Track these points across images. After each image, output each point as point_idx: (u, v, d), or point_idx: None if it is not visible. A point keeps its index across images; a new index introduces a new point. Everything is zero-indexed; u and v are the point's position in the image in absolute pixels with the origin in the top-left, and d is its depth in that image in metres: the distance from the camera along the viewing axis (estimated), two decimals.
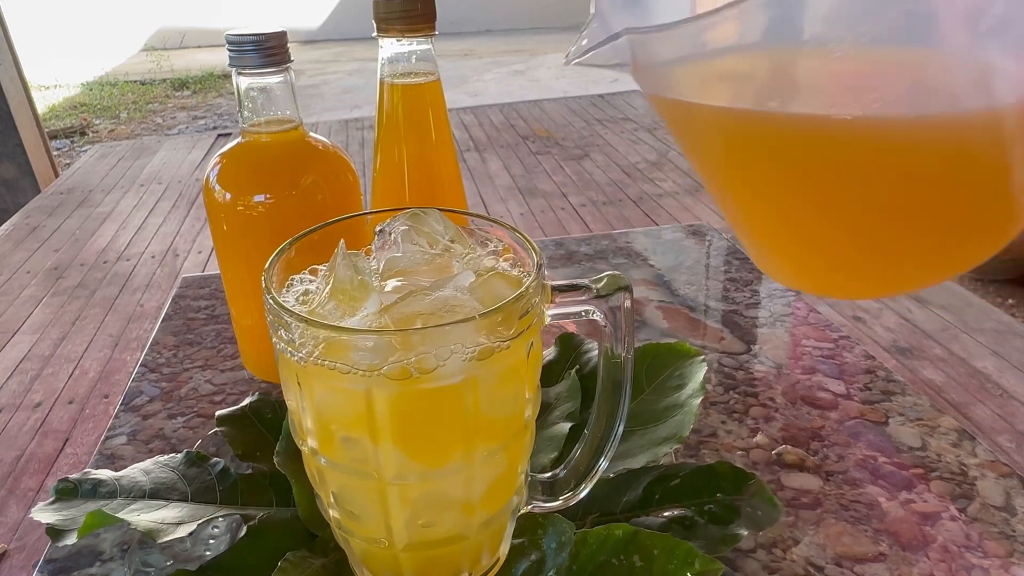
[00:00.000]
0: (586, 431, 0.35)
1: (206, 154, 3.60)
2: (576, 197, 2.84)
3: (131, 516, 0.34)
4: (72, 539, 0.33)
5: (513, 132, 3.70)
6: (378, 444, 0.28)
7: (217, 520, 0.39)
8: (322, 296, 0.30)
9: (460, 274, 0.30)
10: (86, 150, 3.89)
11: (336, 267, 0.30)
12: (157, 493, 0.37)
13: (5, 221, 2.85)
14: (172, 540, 0.34)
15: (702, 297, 0.65)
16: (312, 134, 0.49)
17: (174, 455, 0.40)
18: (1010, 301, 2.06)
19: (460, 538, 0.32)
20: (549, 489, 0.35)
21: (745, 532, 0.36)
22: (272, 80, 0.46)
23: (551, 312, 0.31)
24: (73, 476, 0.37)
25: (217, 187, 0.47)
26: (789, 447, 0.46)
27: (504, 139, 3.59)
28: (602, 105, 4.08)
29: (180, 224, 2.73)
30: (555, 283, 0.31)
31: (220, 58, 5.85)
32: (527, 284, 0.29)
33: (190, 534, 0.35)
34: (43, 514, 0.34)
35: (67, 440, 1.58)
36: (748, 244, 0.28)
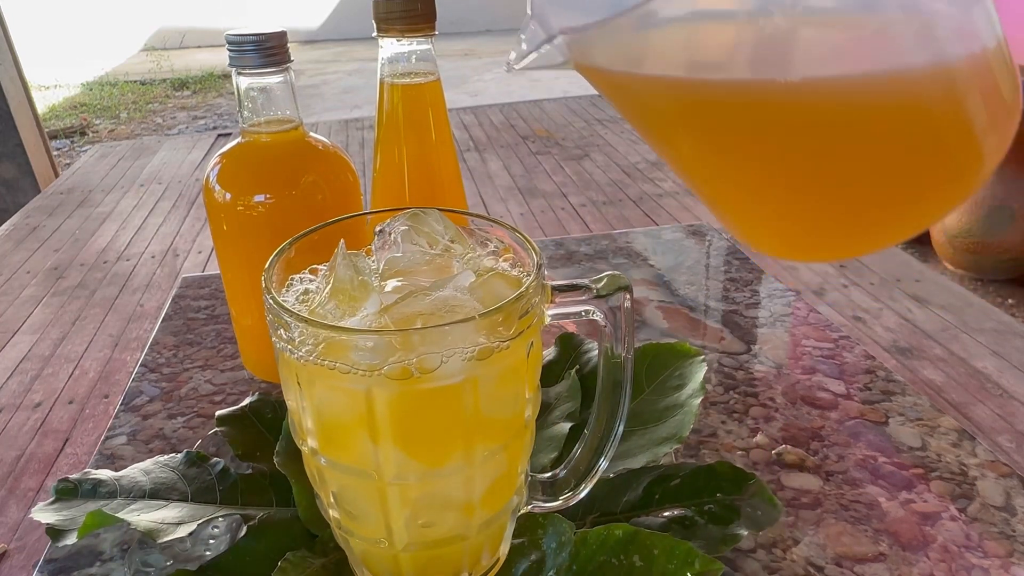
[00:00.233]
0: (586, 431, 0.35)
1: (206, 154, 3.60)
2: (576, 197, 2.84)
3: (131, 516, 0.34)
4: (72, 539, 0.33)
5: (513, 132, 3.70)
6: (378, 444, 0.28)
7: (217, 520, 0.39)
8: (322, 296, 0.30)
9: (460, 274, 0.30)
10: (86, 150, 3.89)
11: (336, 267, 0.30)
12: (157, 493, 0.37)
13: (5, 221, 2.85)
14: (172, 540, 0.34)
15: (702, 297, 0.65)
16: (312, 134, 0.49)
17: (174, 455, 0.40)
18: (1010, 301, 2.06)
19: (460, 538, 0.32)
20: (549, 489, 0.35)
21: (745, 532, 0.36)
22: (272, 80, 0.46)
23: (551, 312, 0.31)
24: (73, 476, 0.37)
25: (217, 187, 0.47)
26: (789, 447, 0.46)
27: (504, 139, 3.59)
28: (602, 105, 4.08)
29: (180, 224, 2.73)
30: (555, 283, 0.31)
31: (220, 58, 5.85)
32: (527, 284, 0.29)
33: (190, 534, 0.35)
34: (43, 514, 0.34)
35: (67, 440, 1.58)
36: (717, 214, 0.28)
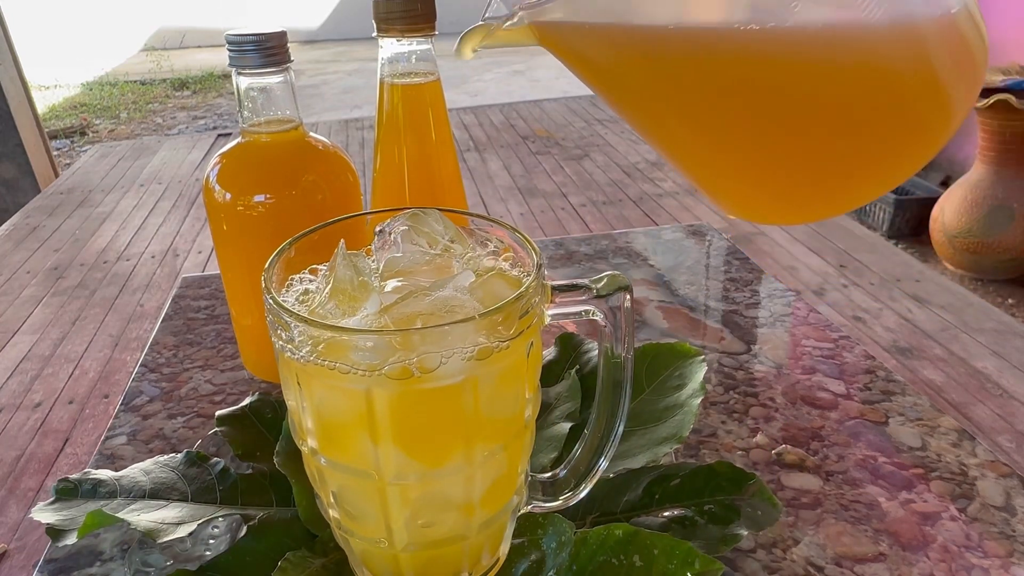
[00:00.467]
0: (586, 431, 0.35)
1: (206, 154, 3.60)
2: (576, 197, 2.84)
3: (131, 516, 0.34)
4: (72, 539, 0.33)
5: (513, 132, 3.70)
6: (378, 444, 0.28)
7: (217, 520, 0.39)
8: (322, 296, 0.30)
9: (460, 274, 0.30)
10: (86, 150, 3.89)
11: (336, 267, 0.30)
12: (157, 493, 0.37)
13: (5, 221, 2.85)
14: (172, 540, 0.34)
15: (702, 297, 0.65)
16: (312, 134, 0.49)
17: (174, 455, 0.40)
18: (1010, 301, 2.06)
19: (460, 538, 0.32)
20: (549, 489, 0.35)
21: (745, 532, 0.36)
22: (272, 80, 0.46)
23: (551, 312, 0.31)
24: (73, 476, 0.37)
25: (217, 187, 0.47)
26: (789, 447, 0.46)
27: (504, 139, 3.59)
28: (602, 105, 4.08)
29: (180, 224, 2.73)
30: (555, 283, 0.31)
31: (220, 58, 5.85)
32: (527, 284, 0.29)
33: (190, 534, 0.35)
34: (43, 514, 0.34)
35: (67, 440, 1.58)
36: (691, 179, 0.28)
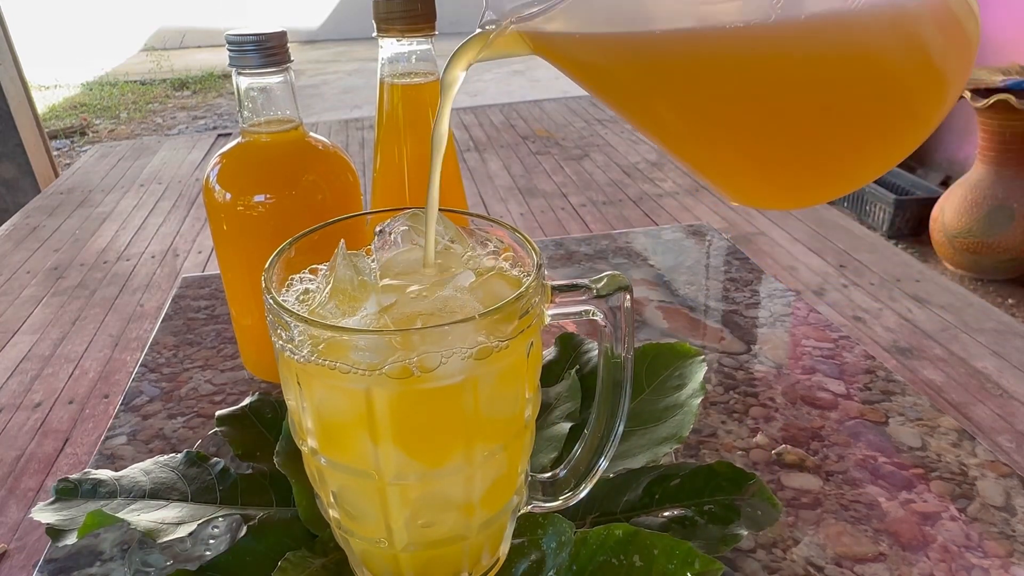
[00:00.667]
0: (586, 431, 0.35)
1: (206, 154, 3.60)
2: (576, 197, 2.84)
3: (131, 516, 0.34)
4: (72, 539, 0.33)
5: (513, 132, 3.70)
6: (378, 444, 0.28)
7: (217, 520, 0.39)
8: (322, 296, 0.30)
9: (460, 274, 0.30)
10: (86, 150, 3.89)
11: (336, 267, 0.30)
12: (157, 493, 0.37)
13: (5, 221, 2.85)
14: (172, 540, 0.34)
15: (702, 297, 0.65)
16: (312, 134, 0.49)
17: (174, 455, 0.40)
18: (1010, 301, 2.06)
19: (460, 538, 0.32)
20: (549, 489, 0.35)
21: (745, 532, 0.36)
22: (272, 80, 0.46)
23: (551, 312, 0.31)
24: (73, 476, 0.37)
25: (217, 187, 0.47)
26: (789, 447, 0.46)
27: (504, 139, 3.59)
28: (602, 105, 4.07)
29: (180, 224, 2.73)
30: (555, 283, 0.31)
31: (220, 58, 5.85)
32: (527, 284, 0.29)
33: (190, 534, 0.35)
34: (43, 514, 0.34)
35: (67, 440, 1.58)
36: (691, 169, 0.28)
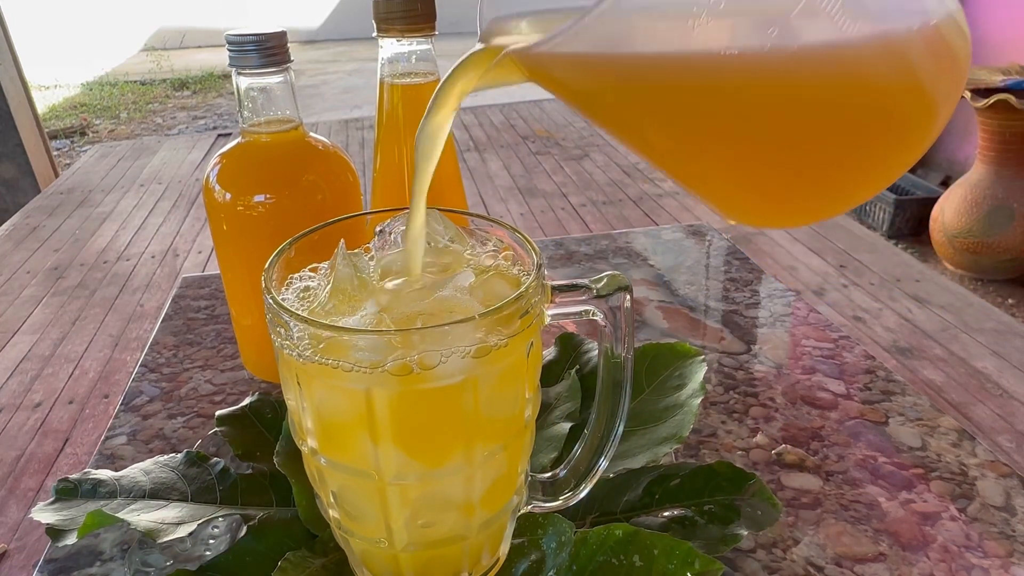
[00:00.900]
0: (586, 431, 0.35)
1: (206, 154, 3.60)
2: (576, 197, 2.84)
3: (131, 516, 0.34)
4: (72, 539, 0.33)
5: (513, 132, 3.70)
6: (378, 444, 0.28)
7: (217, 520, 0.39)
8: (322, 295, 0.30)
9: (460, 274, 0.30)
10: (86, 150, 3.89)
11: (336, 266, 0.30)
12: (157, 493, 0.37)
13: (5, 221, 2.85)
14: (172, 540, 0.34)
15: (702, 297, 0.65)
16: (312, 134, 0.49)
17: (174, 455, 0.40)
18: (1010, 301, 2.06)
19: (460, 538, 0.32)
20: (549, 489, 0.35)
21: (745, 532, 0.36)
22: (272, 80, 0.46)
23: (551, 312, 0.31)
24: (73, 476, 0.37)
25: (217, 187, 0.47)
26: (789, 447, 0.46)
27: (504, 139, 3.59)
28: None
29: (180, 224, 2.72)
30: (555, 283, 0.31)
31: (220, 58, 5.85)
32: (527, 284, 0.29)
33: (190, 534, 0.35)
34: (43, 514, 0.34)
35: (67, 440, 1.58)
36: (686, 188, 0.28)
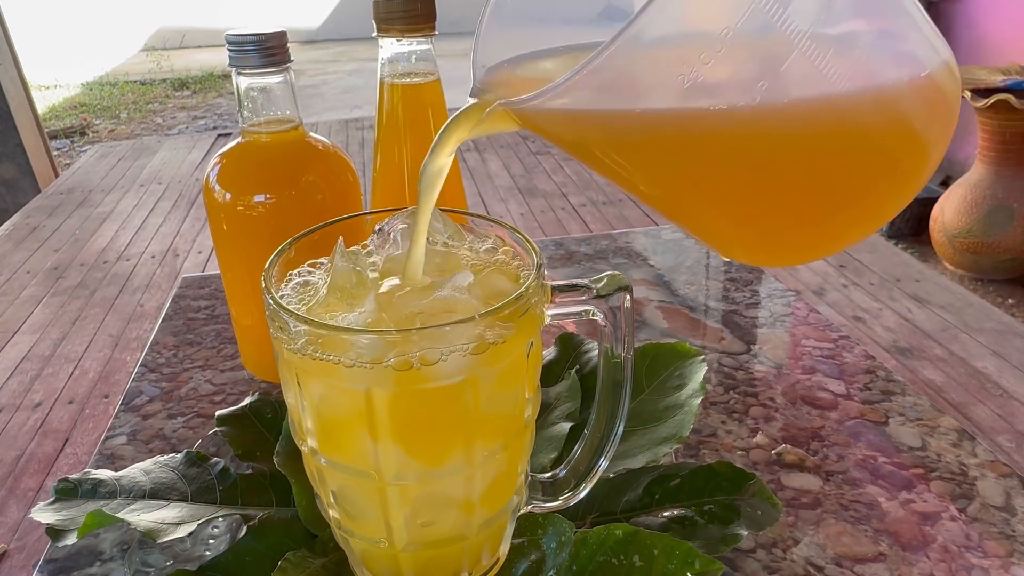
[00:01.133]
0: (586, 431, 0.35)
1: (206, 154, 3.60)
2: (576, 197, 2.83)
3: (131, 516, 0.34)
4: (72, 539, 0.33)
5: (513, 132, 3.69)
6: (378, 443, 0.28)
7: (217, 520, 0.39)
8: (321, 292, 0.30)
9: (459, 275, 0.30)
10: (86, 150, 3.89)
11: (334, 263, 0.30)
12: (157, 493, 0.37)
13: (5, 221, 2.85)
14: (172, 540, 0.34)
15: (702, 297, 0.65)
16: (312, 134, 0.49)
17: (174, 455, 0.40)
18: (1010, 301, 2.06)
19: (460, 538, 0.32)
20: (549, 489, 0.35)
21: (745, 532, 0.36)
22: (272, 80, 0.46)
23: (551, 312, 0.31)
24: (73, 476, 0.36)
25: (217, 187, 0.47)
26: (789, 447, 0.46)
27: (504, 139, 3.59)
28: None
29: (180, 224, 2.72)
30: (555, 283, 0.31)
31: (220, 58, 5.85)
32: (527, 284, 0.29)
33: (190, 534, 0.35)
34: (43, 514, 0.34)
35: (67, 440, 1.58)
36: (686, 231, 0.29)
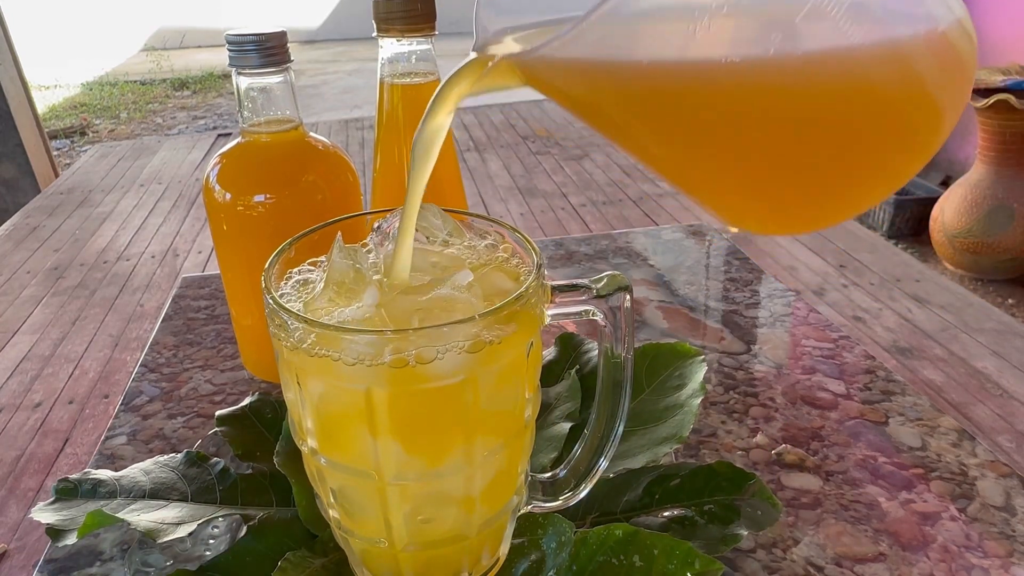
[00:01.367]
0: (586, 431, 0.35)
1: (206, 154, 3.60)
2: (576, 197, 2.83)
3: (131, 516, 0.34)
4: (72, 539, 0.33)
5: (513, 132, 3.70)
6: (378, 442, 0.28)
7: (217, 520, 0.39)
8: (319, 287, 0.30)
9: (459, 273, 0.30)
10: (86, 150, 3.89)
11: (332, 258, 0.30)
12: (157, 493, 0.37)
13: (5, 221, 2.85)
14: (172, 540, 0.34)
15: (702, 297, 0.65)
16: (312, 134, 0.49)
17: (174, 455, 0.40)
18: (1010, 301, 2.06)
19: (460, 538, 0.32)
20: (549, 489, 0.35)
21: (745, 532, 0.36)
22: (272, 80, 0.46)
23: (551, 312, 0.31)
24: (73, 476, 0.37)
25: (217, 187, 0.47)
26: (789, 447, 0.46)
27: (504, 139, 3.59)
28: None
29: (180, 224, 2.72)
30: (555, 283, 0.31)
31: (220, 58, 5.85)
32: (527, 284, 0.29)
33: (190, 534, 0.35)
34: (43, 514, 0.34)
35: (67, 440, 1.58)
36: (687, 195, 0.28)
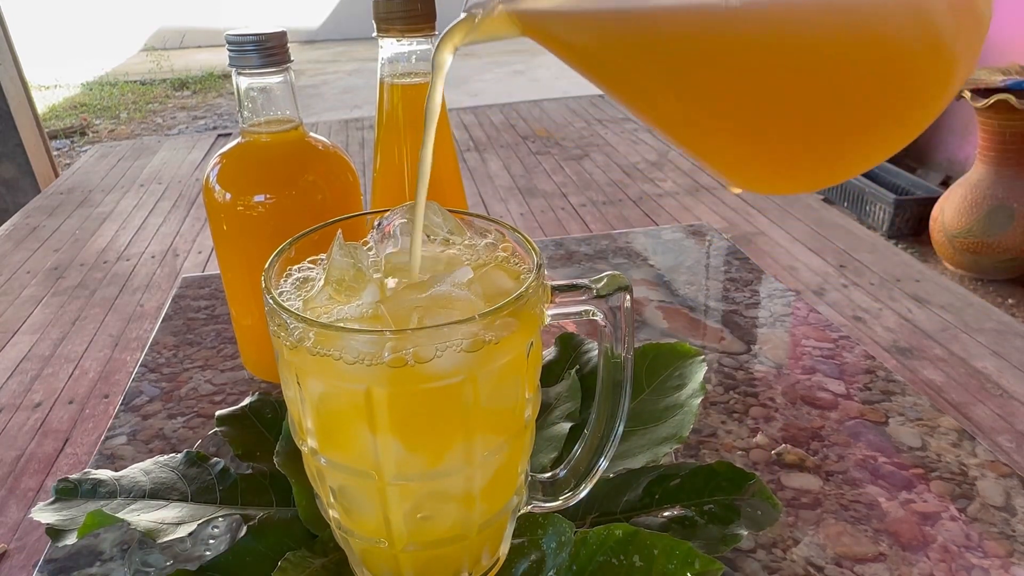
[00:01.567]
0: (586, 431, 0.35)
1: (206, 154, 3.60)
2: (576, 197, 2.83)
3: (131, 516, 0.34)
4: (72, 539, 0.33)
5: (513, 132, 3.70)
6: (377, 441, 0.28)
7: (217, 520, 0.39)
8: (319, 285, 0.30)
9: (458, 271, 0.30)
10: (86, 150, 3.89)
11: (332, 256, 0.30)
12: (157, 493, 0.37)
13: (5, 221, 2.85)
14: (172, 540, 0.34)
15: (702, 297, 0.65)
16: (312, 134, 0.49)
17: (174, 455, 0.40)
18: (1010, 301, 2.06)
19: (460, 538, 0.32)
20: (549, 489, 0.35)
21: (745, 532, 0.36)
22: (272, 80, 0.46)
23: (551, 312, 0.31)
24: (73, 476, 0.37)
25: (217, 187, 0.47)
26: (789, 447, 0.46)
27: (504, 139, 3.59)
28: (602, 105, 4.08)
29: (180, 224, 2.72)
30: (555, 283, 0.31)
31: (220, 58, 5.85)
32: (527, 284, 0.29)
33: (190, 534, 0.35)
34: (43, 514, 0.34)
35: (67, 440, 1.58)
36: (690, 153, 0.28)
